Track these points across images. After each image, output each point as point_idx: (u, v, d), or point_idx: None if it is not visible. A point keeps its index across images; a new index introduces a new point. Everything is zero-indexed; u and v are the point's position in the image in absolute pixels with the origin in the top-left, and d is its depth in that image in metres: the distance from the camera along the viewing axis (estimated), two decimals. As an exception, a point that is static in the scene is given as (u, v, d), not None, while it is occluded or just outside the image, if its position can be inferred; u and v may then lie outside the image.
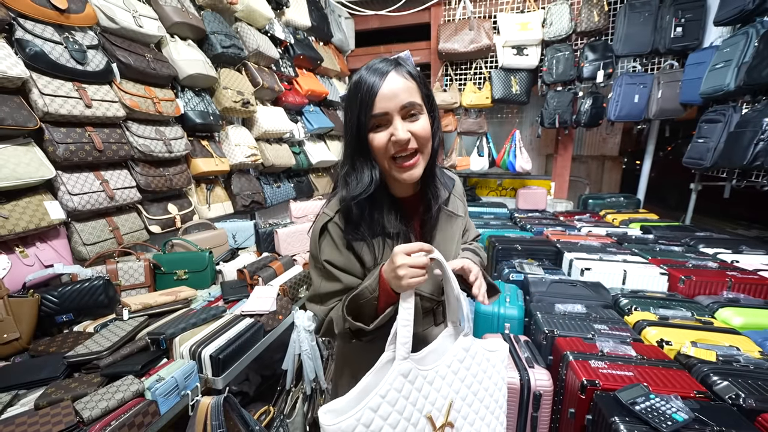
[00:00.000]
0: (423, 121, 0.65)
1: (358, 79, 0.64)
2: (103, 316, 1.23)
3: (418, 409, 0.59)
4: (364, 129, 0.64)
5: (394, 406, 0.57)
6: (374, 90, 0.61)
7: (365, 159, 0.66)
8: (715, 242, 2.13)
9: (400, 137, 0.62)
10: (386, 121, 0.63)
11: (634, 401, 0.96)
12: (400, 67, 0.64)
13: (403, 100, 0.62)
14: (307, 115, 2.69)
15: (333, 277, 0.72)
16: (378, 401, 0.56)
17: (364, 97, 0.62)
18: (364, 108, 0.62)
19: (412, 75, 0.65)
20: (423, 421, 0.60)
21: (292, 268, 1.66)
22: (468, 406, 0.67)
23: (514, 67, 3.09)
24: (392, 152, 0.65)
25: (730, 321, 1.37)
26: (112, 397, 0.84)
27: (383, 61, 0.65)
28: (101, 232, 1.37)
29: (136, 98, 1.45)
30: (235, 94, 1.91)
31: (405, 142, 0.63)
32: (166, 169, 1.62)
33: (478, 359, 0.70)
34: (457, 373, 0.66)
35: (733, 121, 2.17)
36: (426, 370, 0.62)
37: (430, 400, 0.61)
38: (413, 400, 0.59)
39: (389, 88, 0.62)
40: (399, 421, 0.57)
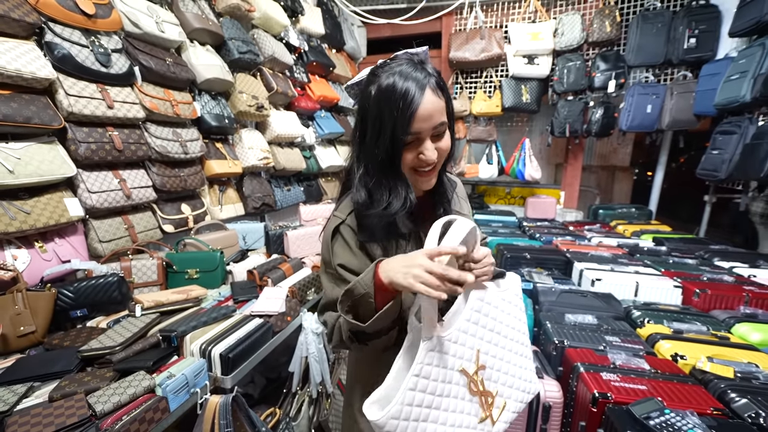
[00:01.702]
0: (447, 137, 0.66)
1: (391, 87, 0.59)
2: (116, 312, 1.25)
3: (450, 369, 0.62)
4: (400, 144, 0.62)
5: (430, 378, 0.59)
6: (413, 108, 0.59)
7: (397, 174, 0.65)
8: (731, 256, 2.08)
9: (430, 158, 0.63)
10: (417, 140, 0.63)
11: (648, 416, 0.93)
12: (430, 77, 0.62)
13: (436, 121, 0.62)
14: (318, 120, 2.72)
15: (347, 281, 0.69)
16: (414, 380, 0.57)
17: (401, 113, 0.59)
18: (401, 125, 0.60)
19: (441, 89, 0.64)
20: (457, 376, 0.63)
21: (301, 270, 1.67)
22: (495, 345, 0.70)
23: (524, 76, 3.09)
24: (417, 168, 0.66)
25: (748, 337, 1.33)
26: (124, 392, 0.85)
27: (413, 66, 0.61)
28: (117, 229, 1.40)
29: (155, 100, 1.50)
30: (249, 98, 1.95)
31: (431, 162, 0.65)
32: (181, 169, 1.65)
33: (495, 303, 0.72)
34: (478, 322, 0.67)
35: (749, 132, 2.14)
36: (449, 333, 0.62)
37: (459, 356, 0.63)
38: (444, 364, 0.61)
39: (426, 110, 0.60)
40: (437, 387, 0.60)
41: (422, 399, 0.59)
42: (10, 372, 0.91)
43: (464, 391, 0.65)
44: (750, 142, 2.11)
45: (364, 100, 0.65)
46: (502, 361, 0.72)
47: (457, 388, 0.64)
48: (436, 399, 0.61)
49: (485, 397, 0.69)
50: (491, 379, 0.71)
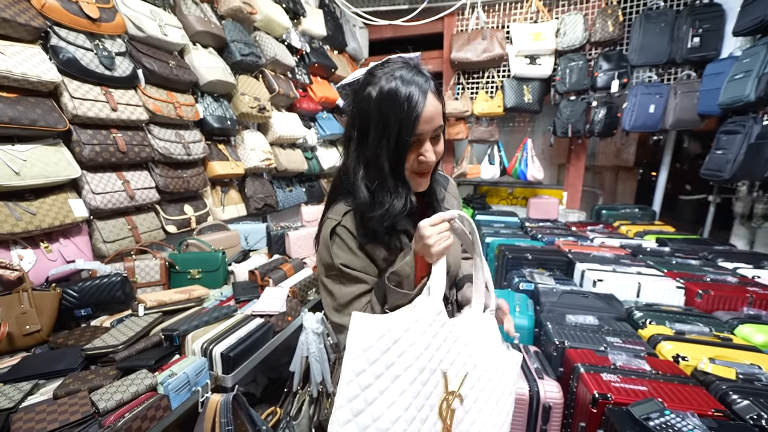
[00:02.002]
0: (442, 140, 0.69)
1: (395, 92, 0.60)
2: (119, 311, 1.27)
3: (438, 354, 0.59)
4: (405, 146, 0.63)
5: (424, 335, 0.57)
6: (417, 112, 0.60)
7: (399, 176, 0.66)
8: (735, 256, 2.07)
9: (430, 159, 0.66)
10: (419, 141, 0.65)
11: (648, 417, 0.93)
12: (431, 82, 0.65)
13: (436, 124, 0.65)
14: (320, 121, 2.74)
15: (353, 278, 0.70)
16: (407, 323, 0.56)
17: (406, 116, 0.60)
18: (406, 128, 0.61)
19: (439, 93, 0.66)
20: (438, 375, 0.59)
21: (302, 270, 1.68)
22: (480, 390, 0.65)
23: (526, 76, 3.09)
24: (416, 169, 0.68)
25: (751, 338, 1.32)
26: (127, 389, 0.86)
27: (412, 71, 0.63)
28: (120, 230, 1.42)
29: (158, 103, 1.51)
30: (251, 100, 1.96)
31: (431, 164, 0.67)
32: (184, 171, 1.67)
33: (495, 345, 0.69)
34: (478, 347, 0.65)
35: (753, 132, 2.12)
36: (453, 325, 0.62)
37: (449, 359, 0.60)
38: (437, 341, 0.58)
39: (429, 113, 0.62)
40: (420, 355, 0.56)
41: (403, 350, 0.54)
42: (15, 370, 0.93)
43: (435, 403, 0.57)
44: (755, 142, 2.09)
45: (363, 102, 0.65)
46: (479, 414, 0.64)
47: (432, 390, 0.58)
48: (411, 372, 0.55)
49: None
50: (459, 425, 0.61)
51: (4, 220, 1.06)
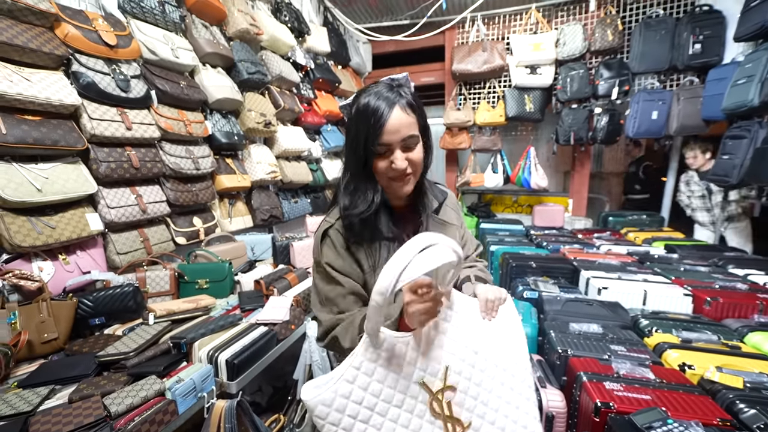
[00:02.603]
0: (418, 150, 0.73)
1: (366, 106, 0.69)
2: (131, 320, 1.32)
3: (404, 377, 0.59)
4: (371, 154, 0.71)
5: (373, 377, 0.57)
6: (381, 123, 0.67)
7: (369, 179, 0.74)
8: (746, 263, 2.02)
9: (400, 166, 0.70)
10: (389, 150, 0.71)
11: (650, 426, 0.92)
12: (401, 98, 0.70)
13: (404, 134, 0.70)
14: (324, 134, 2.82)
15: (334, 280, 0.75)
16: (353, 373, 0.56)
17: (372, 127, 0.68)
18: (372, 137, 0.68)
19: (412, 107, 0.71)
20: (415, 388, 0.59)
21: (306, 280, 1.72)
22: (472, 367, 0.64)
23: (527, 86, 3.13)
24: (390, 175, 0.73)
25: (761, 346, 1.29)
26: (137, 394, 0.90)
27: (388, 89, 0.70)
28: (133, 242, 1.49)
29: (170, 121, 1.60)
30: (258, 115, 2.04)
31: (402, 171, 0.71)
32: (194, 185, 1.74)
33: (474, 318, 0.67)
34: (446, 332, 0.63)
35: (759, 136, 2.10)
36: (406, 338, 0.60)
37: (420, 366, 0.60)
38: (395, 368, 0.58)
39: (393, 124, 0.68)
40: (382, 390, 0.57)
41: (362, 397, 0.56)
42: (34, 376, 0.98)
43: (424, 409, 0.60)
44: (761, 147, 2.07)
45: (348, 118, 0.75)
46: (480, 387, 0.64)
47: (414, 402, 0.59)
48: (381, 404, 0.57)
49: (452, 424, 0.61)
50: (464, 406, 0.63)
51: (27, 234, 1.13)
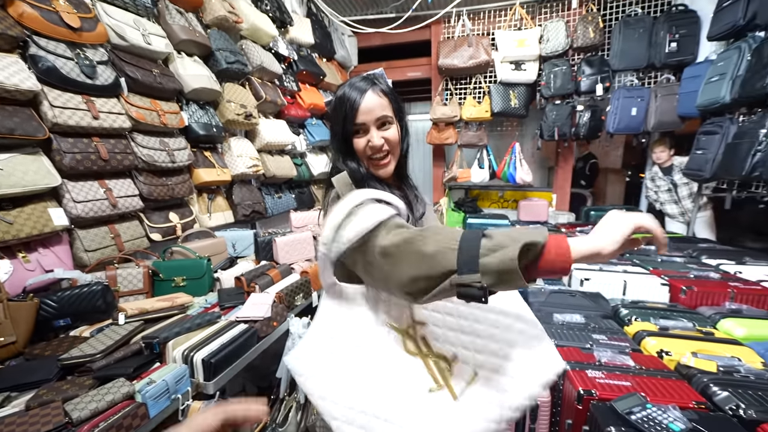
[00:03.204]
0: (393, 130, 0.80)
1: (342, 95, 0.77)
2: (100, 321, 1.24)
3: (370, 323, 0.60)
4: (349, 135, 0.78)
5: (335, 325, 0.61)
6: (355, 106, 0.75)
7: (353, 157, 0.81)
8: (718, 253, 2.10)
9: (375, 143, 0.78)
10: (365, 129, 0.78)
11: (631, 411, 0.93)
12: (375, 86, 0.78)
13: (378, 114, 0.77)
14: (309, 127, 2.75)
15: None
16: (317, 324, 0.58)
17: (348, 110, 0.76)
18: (348, 119, 0.76)
19: (384, 92, 0.79)
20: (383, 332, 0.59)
21: (289, 276, 1.68)
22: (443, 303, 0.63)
23: (512, 81, 3.15)
24: (369, 154, 0.80)
25: (733, 332, 1.34)
26: (102, 398, 0.84)
27: (362, 80, 0.79)
28: (103, 239, 1.40)
29: (142, 111, 1.51)
30: (238, 107, 1.97)
31: (379, 147, 0.78)
32: (169, 178, 1.67)
33: None
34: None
35: (730, 132, 2.18)
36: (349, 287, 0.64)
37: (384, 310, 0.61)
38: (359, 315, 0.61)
39: (366, 105, 0.76)
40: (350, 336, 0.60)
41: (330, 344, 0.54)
42: (-13, 382, 0.91)
43: (398, 350, 0.56)
44: (732, 142, 2.15)
45: (331, 104, 0.83)
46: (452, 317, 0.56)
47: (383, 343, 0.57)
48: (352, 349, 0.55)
49: (434, 360, 0.54)
50: (440, 340, 0.55)
51: (-21, 230, 1.05)
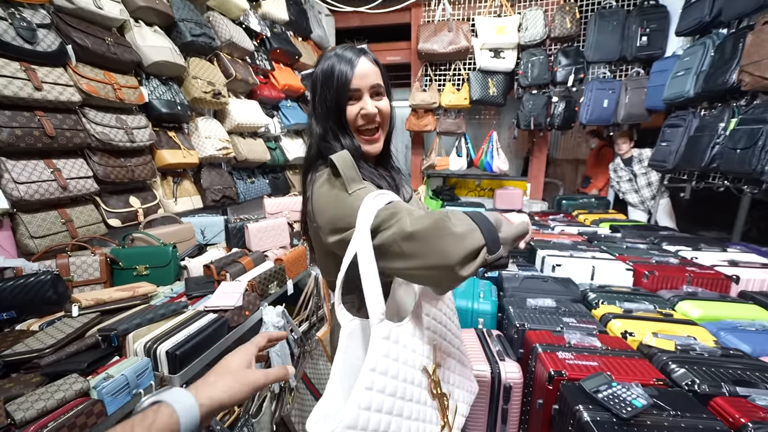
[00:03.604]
0: (385, 101, 0.76)
1: (333, 61, 0.71)
2: (51, 313, 1.14)
3: (411, 366, 0.55)
4: (344, 103, 0.72)
5: (388, 374, 0.50)
6: (351, 69, 0.71)
7: (346, 132, 0.74)
8: (677, 240, 2.24)
9: (370, 110, 0.72)
10: (358, 96, 0.73)
11: (598, 389, 0.97)
12: (367, 54, 0.74)
13: (373, 81, 0.73)
14: (284, 110, 2.63)
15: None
16: (371, 377, 0.48)
17: (341, 76, 0.70)
18: (342, 85, 0.70)
19: (376, 62, 0.75)
20: (419, 376, 0.56)
21: (262, 263, 1.61)
22: (446, 341, 0.67)
23: (491, 69, 3.15)
24: (359, 123, 0.74)
25: (689, 313, 1.43)
26: (51, 396, 0.77)
27: (350, 48, 0.74)
28: (52, 224, 1.28)
29: (93, 83, 1.37)
30: (205, 84, 1.84)
31: (373, 116, 0.73)
32: (128, 159, 1.53)
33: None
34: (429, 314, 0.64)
35: (692, 125, 2.30)
36: (402, 326, 0.56)
37: (419, 352, 0.57)
38: (404, 360, 0.53)
39: (362, 69, 0.72)
40: (397, 387, 0.51)
41: (381, 403, 0.48)
42: None
43: (425, 395, 0.56)
44: (693, 135, 2.26)
45: (314, 78, 0.75)
46: (453, 359, 0.67)
47: (419, 390, 0.55)
48: (398, 403, 0.51)
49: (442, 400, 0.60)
50: (445, 380, 0.63)
51: None
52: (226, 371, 0.46)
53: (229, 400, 0.43)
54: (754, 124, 1.76)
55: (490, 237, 0.53)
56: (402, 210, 0.57)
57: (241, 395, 0.45)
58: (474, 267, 0.52)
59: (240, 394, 0.44)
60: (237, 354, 0.50)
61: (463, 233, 0.52)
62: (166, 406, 0.38)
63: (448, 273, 0.52)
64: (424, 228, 0.53)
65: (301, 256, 1.79)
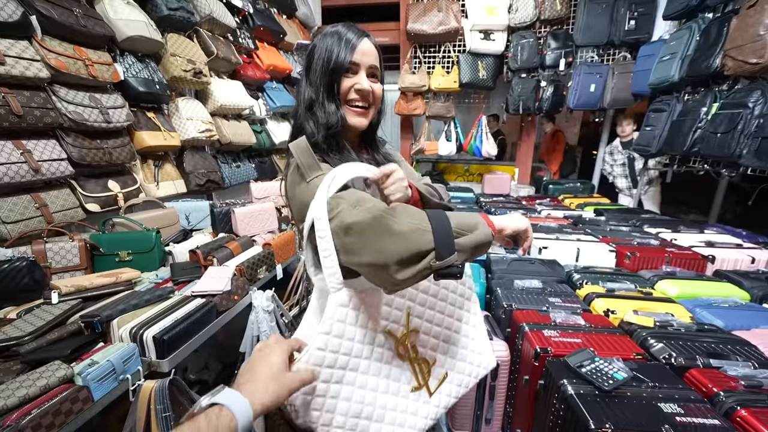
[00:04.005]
0: (379, 86, 0.76)
1: (337, 31, 0.72)
2: (29, 301, 1.10)
3: (371, 330, 0.58)
4: (340, 70, 0.71)
5: (343, 337, 0.55)
6: (355, 43, 0.71)
7: (333, 99, 0.72)
8: (658, 223, 2.31)
9: (364, 86, 0.72)
10: (355, 70, 0.73)
11: (581, 364, 1.01)
12: (370, 37, 0.74)
13: (371, 61, 0.73)
14: (269, 91, 2.55)
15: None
16: (324, 339, 0.53)
17: (345, 45, 0.70)
18: (344, 54, 0.70)
19: (377, 47, 0.75)
20: (381, 338, 0.60)
21: (250, 248, 1.58)
22: (431, 309, 0.67)
23: (481, 51, 3.11)
24: (351, 97, 0.73)
25: (667, 291, 1.49)
26: (33, 383, 0.75)
27: (355, 26, 0.74)
28: (25, 209, 1.21)
29: (63, 58, 1.28)
30: (184, 62, 1.75)
31: (367, 92, 0.73)
32: (105, 141, 1.46)
33: None
34: None
35: (676, 110, 2.34)
36: (365, 292, 0.58)
37: (383, 316, 0.60)
38: (363, 323, 0.57)
39: (365, 47, 0.72)
40: (352, 347, 0.56)
41: (334, 359, 0.54)
42: None
43: (389, 355, 0.61)
44: (677, 119, 2.30)
45: (311, 51, 0.73)
46: (442, 328, 0.69)
47: (381, 350, 0.60)
48: (353, 360, 0.57)
49: (418, 364, 0.65)
50: (428, 346, 0.67)
51: None
52: (271, 376, 0.46)
53: (274, 406, 0.44)
54: (734, 108, 1.80)
55: (442, 241, 0.48)
56: (346, 200, 0.54)
57: (283, 400, 0.46)
58: (413, 272, 0.48)
59: (282, 398, 0.45)
60: (277, 353, 0.48)
61: (406, 232, 0.48)
62: (227, 411, 0.39)
63: (382, 274, 0.49)
64: (362, 221, 0.50)
65: (289, 241, 1.77)
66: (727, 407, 0.88)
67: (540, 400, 1.12)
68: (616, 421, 0.84)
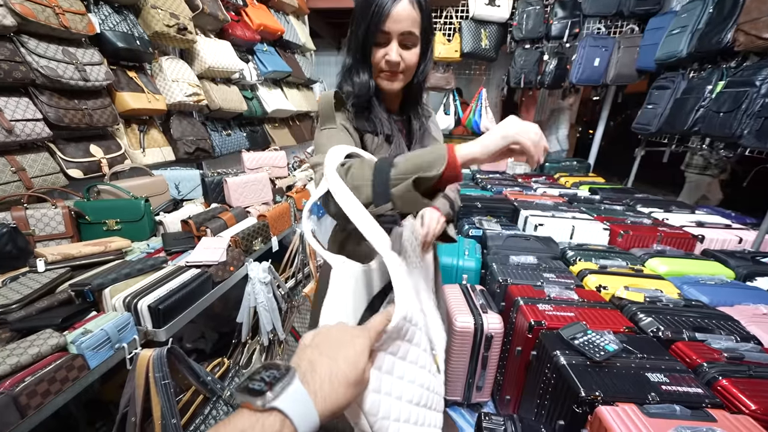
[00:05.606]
0: (413, 53, 0.74)
1: None
2: (13, 269, 1.05)
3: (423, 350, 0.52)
4: (370, 42, 0.72)
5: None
6: (385, 11, 0.68)
7: (366, 65, 0.76)
8: (651, 203, 2.34)
9: (393, 59, 0.72)
10: (386, 40, 0.72)
11: (574, 337, 1.04)
12: None
13: (404, 28, 0.70)
14: (259, 54, 2.39)
15: (345, 141, 0.74)
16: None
17: (374, 15, 0.69)
18: (374, 23, 0.70)
19: (420, 5, 0.71)
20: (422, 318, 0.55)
21: (245, 219, 1.54)
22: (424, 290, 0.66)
23: (485, 18, 2.95)
24: (382, 67, 0.75)
25: (657, 269, 1.53)
26: (25, 351, 0.73)
27: None
28: (0, 172, 1.14)
29: (29, 4, 1.15)
30: (167, 16, 1.60)
31: (396, 64, 0.73)
32: (83, 101, 1.36)
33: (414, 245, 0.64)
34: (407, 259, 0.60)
35: (680, 87, 2.29)
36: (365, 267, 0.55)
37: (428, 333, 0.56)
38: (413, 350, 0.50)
39: (397, 13, 0.69)
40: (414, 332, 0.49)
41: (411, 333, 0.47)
42: None
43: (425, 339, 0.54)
44: (680, 97, 2.26)
45: (355, 9, 0.74)
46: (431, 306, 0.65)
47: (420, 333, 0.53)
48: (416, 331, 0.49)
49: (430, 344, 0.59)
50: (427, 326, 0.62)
51: None
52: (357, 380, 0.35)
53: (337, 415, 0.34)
54: (740, 86, 1.77)
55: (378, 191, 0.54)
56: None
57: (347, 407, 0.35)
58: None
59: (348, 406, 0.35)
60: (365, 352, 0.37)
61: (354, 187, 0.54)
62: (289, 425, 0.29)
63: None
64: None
65: (285, 213, 1.73)
66: (709, 377, 0.92)
67: (531, 370, 1.16)
68: (606, 389, 0.88)
